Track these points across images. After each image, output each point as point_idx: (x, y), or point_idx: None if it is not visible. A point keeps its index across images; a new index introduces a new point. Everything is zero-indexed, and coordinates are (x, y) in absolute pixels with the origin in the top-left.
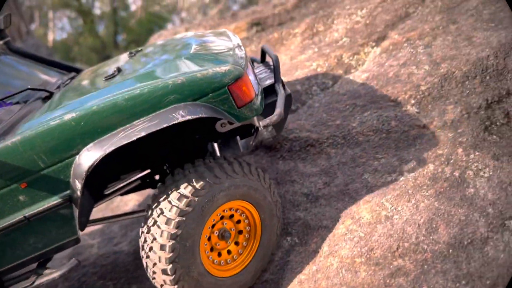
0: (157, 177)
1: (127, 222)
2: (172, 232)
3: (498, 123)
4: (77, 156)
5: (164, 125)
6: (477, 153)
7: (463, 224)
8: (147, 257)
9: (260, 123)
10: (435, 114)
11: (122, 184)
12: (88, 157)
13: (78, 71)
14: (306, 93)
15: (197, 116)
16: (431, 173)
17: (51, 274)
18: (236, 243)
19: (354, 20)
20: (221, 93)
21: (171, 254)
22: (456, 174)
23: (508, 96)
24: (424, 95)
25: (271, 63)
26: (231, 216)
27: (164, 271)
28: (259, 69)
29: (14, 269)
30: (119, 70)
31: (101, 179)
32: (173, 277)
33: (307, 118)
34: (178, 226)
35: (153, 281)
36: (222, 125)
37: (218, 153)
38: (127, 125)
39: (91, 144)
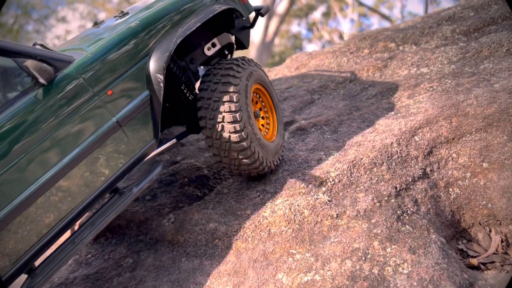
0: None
1: None
2: (236, 84)
3: (409, 212)
4: (150, 55)
5: (211, 15)
6: (393, 246)
7: None
8: (212, 117)
9: (261, 11)
10: (347, 202)
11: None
12: (162, 50)
13: None
14: (215, 177)
15: (228, 7)
16: (349, 271)
17: (145, 181)
18: (263, 118)
19: None
20: None
21: (237, 103)
22: (375, 271)
23: (414, 183)
24: (335, 182)
25: None
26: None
27: (233, 118)
28: None
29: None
30: (123, 12)
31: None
32: (240, 123)
33: (214, 207)
34: (237, 83)
35: (221, 138)
36: (208, 48)
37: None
38: (181, 24)
39: (159, 43)
